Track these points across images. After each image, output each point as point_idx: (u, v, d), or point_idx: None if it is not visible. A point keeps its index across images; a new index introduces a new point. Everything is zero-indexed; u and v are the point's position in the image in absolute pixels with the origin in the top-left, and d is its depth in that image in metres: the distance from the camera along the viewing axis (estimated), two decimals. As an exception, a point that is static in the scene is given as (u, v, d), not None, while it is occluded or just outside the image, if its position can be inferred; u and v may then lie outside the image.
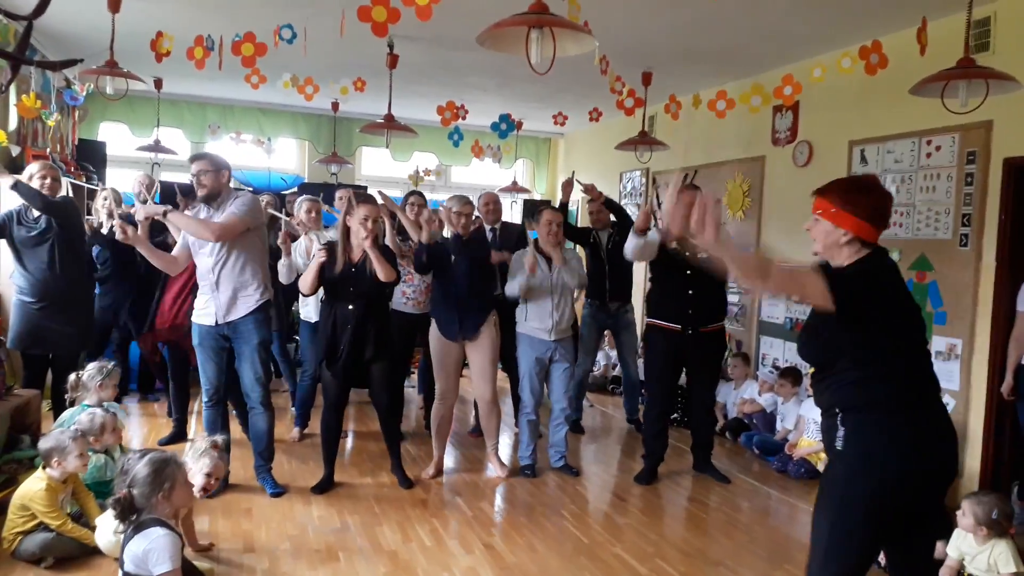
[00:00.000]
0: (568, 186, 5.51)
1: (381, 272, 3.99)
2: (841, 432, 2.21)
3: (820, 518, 2.27)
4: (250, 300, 3.97)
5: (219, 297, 3.94)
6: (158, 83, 7.05)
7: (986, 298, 4.51)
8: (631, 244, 4.52)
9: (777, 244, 6.31)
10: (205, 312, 3.99)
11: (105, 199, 5.36)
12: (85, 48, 5.71)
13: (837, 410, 2.23)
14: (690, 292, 4.50)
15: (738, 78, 6.41)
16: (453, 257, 4.42)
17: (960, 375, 4.58)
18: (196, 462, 3.18)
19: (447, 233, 4.68)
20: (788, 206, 6.18)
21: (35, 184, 4.38)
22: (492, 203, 5.54)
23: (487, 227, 5.48)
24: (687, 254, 4.45)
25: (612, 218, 5.66)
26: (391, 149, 8.47)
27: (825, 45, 5.40)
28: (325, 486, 4.22)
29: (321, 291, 4.27)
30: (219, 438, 3.35)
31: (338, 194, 5.10)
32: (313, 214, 5.12)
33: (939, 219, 4.81)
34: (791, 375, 5.49)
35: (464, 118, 6.57)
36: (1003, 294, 4.40)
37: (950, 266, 4.71)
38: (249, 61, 4.64)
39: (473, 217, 4.56)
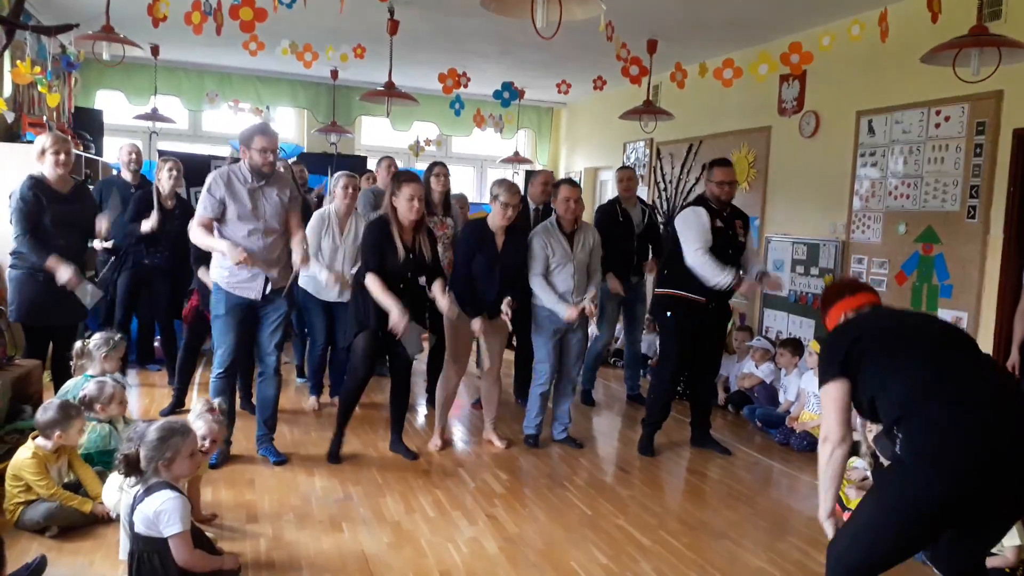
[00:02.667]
0: None
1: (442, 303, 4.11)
2: (898, 440, 2.21)
3: (870, 497, 2.28)
4: (287, 272, 4.01)
5: (271, 274, 3.92)
6: (155, 50, 6.94)
7: (993, 271, 4.48)
8: (711, 272, 4.34)
9: (782, 215, 6.27)
10: (249, 287, 3.89)
11: (171, 170, 5.21)
12: (80, 13, 5.62)
13: (892, 427, 2.24)
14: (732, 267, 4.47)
15: (745, 46, 6.32)
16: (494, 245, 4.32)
17: (965, 348, 4.56)
18: (192, 424, 3.19)
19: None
20: (794, 177, 6.13)
21: (48, 160, 4.22)
22: (551, 183, 5.27)
23: (532, 207, 5.33)
24: (731, 232, 4.40)
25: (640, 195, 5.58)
26: (391, 118, 8.38)
27: (834, 13, 5.31)
28: (338, 454, 4.23)
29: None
30: (216, 400, 3.35)
31: (341, 183, 4.93)
32: (351, 190, 4.91)
33: (947, 191, 4.77)
34: (791, 345, 5.45)
35: (466, 86, 6.48)
36: (1010, 267, 4.37)
37: (957, 238, 4.68)
38: (248, 26, 4.54)
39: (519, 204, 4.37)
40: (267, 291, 3.92)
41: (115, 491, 3.11)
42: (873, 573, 2.24)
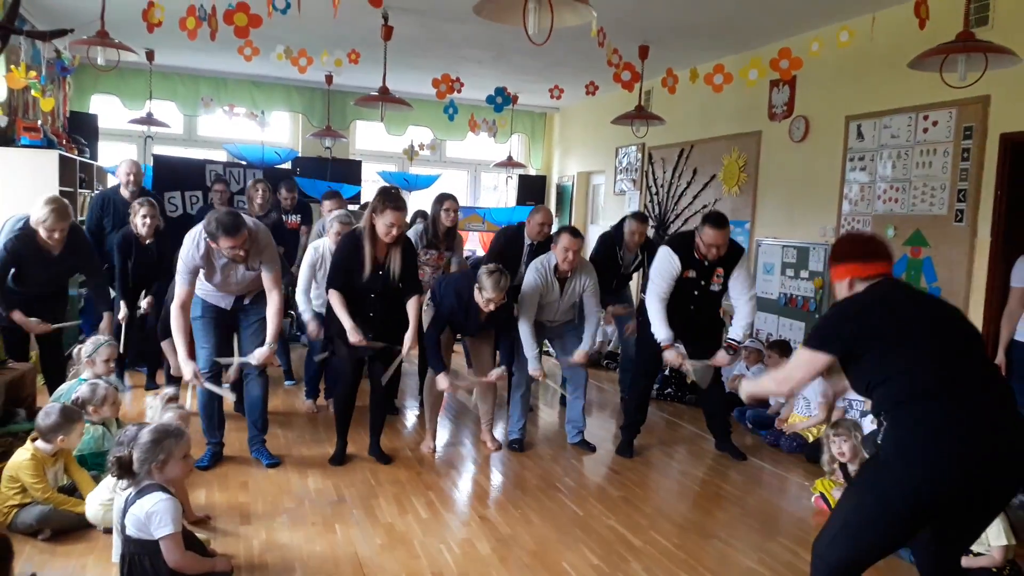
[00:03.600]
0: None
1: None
2: (882, 429, 2.27)
3: (850, 494, 2.31)
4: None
5: (240, 301, 4.11)
6: (150, 55, 6.97)
7: (980, 274, 4.53)
8: (654, 323, 4.38)
9: (772, 219, 6.32)
10: (219, 298, 4.05)
11: (145, 217, 5.08)
12: (75, 18, 5.64)
13: (880, 412, 2.29)
14: (692, 307, 4.49)
15: (736, 52, 6.37)
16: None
17: (953, 350, 4.60)
18: (160, 419, 3.23)
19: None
20: (784, 181, 6.18)
21: (43, 233, 4.20)
22: (548, 224, 5.18)
23: (528, 242, 5.15)
24: (703, 283, 4.43)
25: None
26: (385, 123, 8.43)
27: (823, 19, 5.36)
28: (341, 457, 4.26)
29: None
30: (171, 390, 3.59)
31: (335, 227, 4.86)
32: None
33: (935, 195, 4.82)
34: (779, 347, 5.48)
35: (459, 91, 6.53)
36: (997, 270, 4.42)
37: (945, 242, 4.73)
38: (242, 32, 4.58)
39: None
40: (245, 303, 4.11)
41: (97, 506, 3.17)
42: (856, 569, 2.27)
